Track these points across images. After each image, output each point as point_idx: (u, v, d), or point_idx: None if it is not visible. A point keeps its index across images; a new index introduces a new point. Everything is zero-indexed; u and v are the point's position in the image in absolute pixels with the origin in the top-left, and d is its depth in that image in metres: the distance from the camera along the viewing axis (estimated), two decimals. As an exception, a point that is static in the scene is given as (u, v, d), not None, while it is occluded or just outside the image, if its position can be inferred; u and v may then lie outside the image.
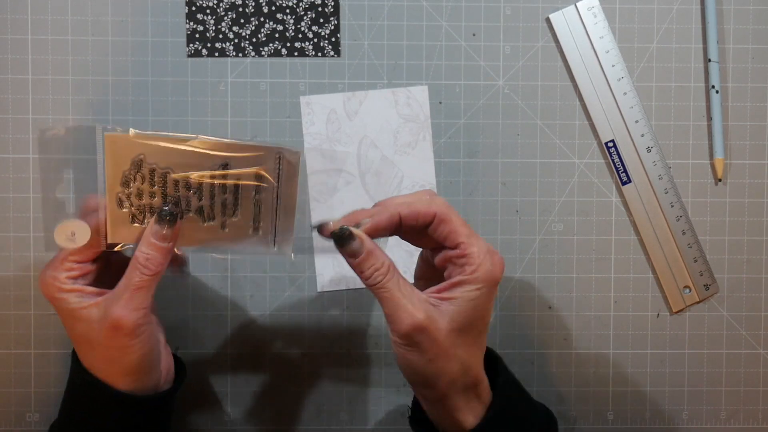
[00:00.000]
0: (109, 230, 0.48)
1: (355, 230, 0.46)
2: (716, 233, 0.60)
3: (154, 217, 0.47)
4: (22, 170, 0.58)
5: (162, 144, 0.47)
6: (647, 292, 0.60)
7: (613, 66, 0.59)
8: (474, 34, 0.59)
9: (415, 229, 0.47)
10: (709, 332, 0.60)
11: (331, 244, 0.47)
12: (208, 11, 0.58)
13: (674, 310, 0.60)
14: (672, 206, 0.59)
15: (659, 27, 0.59)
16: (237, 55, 0.59)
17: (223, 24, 0.58)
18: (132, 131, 0.47)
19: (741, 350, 0.60)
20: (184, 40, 0.59)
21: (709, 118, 0.59)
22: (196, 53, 0.59)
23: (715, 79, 0.59)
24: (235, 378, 0.60)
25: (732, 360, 0.60)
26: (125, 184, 0.47)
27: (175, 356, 0.53)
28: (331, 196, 0.59)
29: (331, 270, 0.59)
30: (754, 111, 0.60)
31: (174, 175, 0.48)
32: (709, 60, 0.59)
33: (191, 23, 0.58)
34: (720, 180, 0.60)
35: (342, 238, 0.45)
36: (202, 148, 0.48)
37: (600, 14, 0.59)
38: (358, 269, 0.46)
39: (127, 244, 0.48)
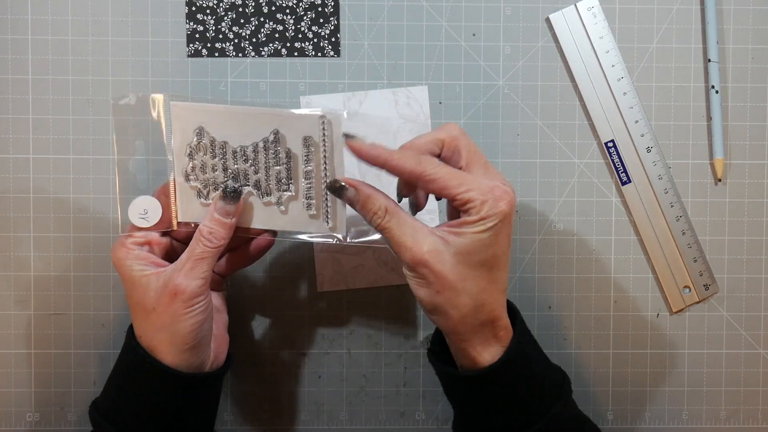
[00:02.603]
0: (179, 209, 0.50)
1: (349, 179, 0.49)
2: (716, 233, 0.60)
3: (218, 193, 0.49)
4: (22, 170, 0.58)
5: (219, 113, 0.49)
6: (647, 292, 0.60)
7: (613, 66, 0.59)
8: (474, 34, 0.59)
9: (412, 185, 0.50)
10: (709, 332, 0.60)
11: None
12: (208, 11, 0.58)
13: (674, 310, 0.60)
14: (672, 206, 0.59)
15: (659, 27, 0.60)
16: (237, 55, 0.59)
17: (223, 24, 0.59)
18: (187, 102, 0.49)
19: (741, 350, 0.60)
20: (184, 40, 0.59)
21: (709, 118, 0.59)
22: (196, 53, 0.59)
23: (714, 79, 0.59)
24: (235, 378, 0.60)
25: (732, 360, 0.60)
26: (190, 155, 0.50)
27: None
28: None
29: (331, 270, 0.59)
30: (753, 111, 0.60)
31: (232, 146, 0.50)
32: (709, 60, 0.59)
33: (191, 23, 0.58)
34: (720, 180, 0.60)
35: (335, 190, 0.49)
36: (254, 117, 0.49)
37: (600, 14, 0.59)
38: (361, 215, 0.49)
39: (193, 221, 0.50)
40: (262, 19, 0.59)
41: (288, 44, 0.59)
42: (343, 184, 0.49)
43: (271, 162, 0.50)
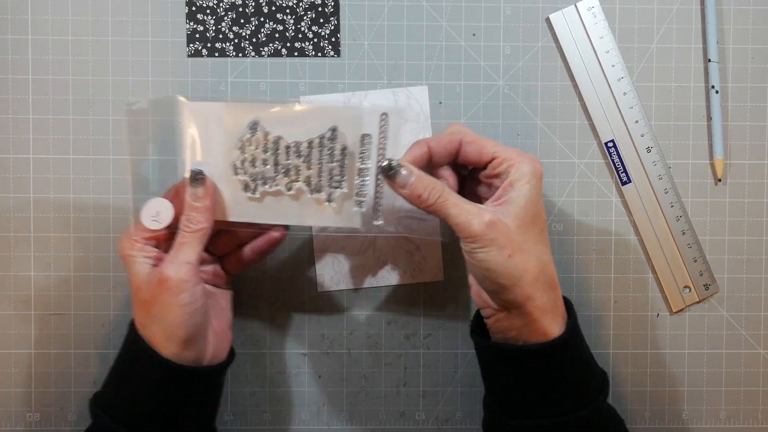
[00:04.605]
0: (228, 209, 0.51)
1: (401, 161, 0.49)
2: (716, 233, 0.60)
3: (187, 179, 0.50)
4: (22, 170, 0.58)
5: (274, 109, 0.50)
6: (647, 292, 0.60)
7: (613, 66, 0.59)
8: (474, 34, 0.59)
9: (448, 158, 0.51)
10: (709, 332, 0.60)
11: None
12: (208, 11, 0.58)
13: (674, 310, 0.60)
14: (672, 206, 0.59)
15: (659, 27, 0.60)
16: (237, 55, 0.59)
17: (223, 24, 0.59)
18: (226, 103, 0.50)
19: (741, 350, 0.60)
20: (184, 40, 0.59)
21: (709, 118, 0.59)
22: (196, 53, 0.59)
23: (714, 79, 0.59)
24: (235, 378, 0.60)
25: (732, 360, 0.60)
26: (241, 149, 0.50)
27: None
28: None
29: (331, 270, 0.59)
30: (753, 111, 0.60)
31: (286, 141, 0.50)
32: (709, 60, 0.59)
33: (191, 23, 0.58)
34: (720, 180, 0.60)
35: (391, 169, 0.49)
36: (311, 113, 0.50)
37: (600, 14, 0.59)
38: (414, 195, 0.49)
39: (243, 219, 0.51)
40: (262, 19, 0.59)
41: (288, 44, 0.59)
42: (398, 164, 0.49)
43: (325, 158, 0.50)
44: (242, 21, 0.59)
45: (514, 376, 0.50)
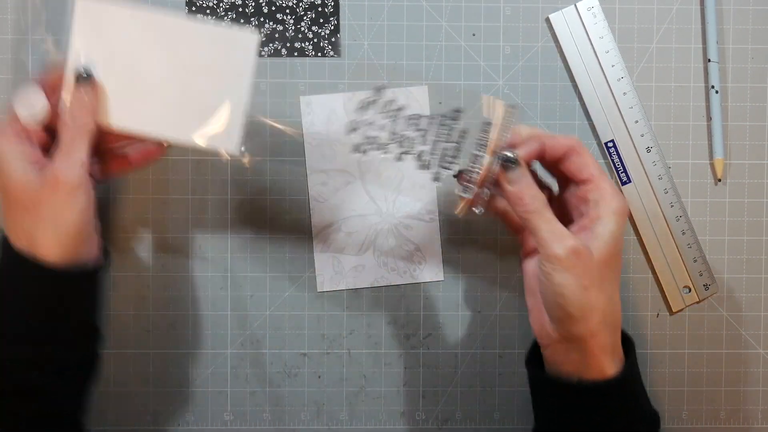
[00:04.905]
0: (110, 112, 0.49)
1: (519, 156, 0.48)
2: (716, 233, 0.60)
3: (74, 75, 0.48)
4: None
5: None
6: (647, 292, 0.60)
7: (612, 66, 0.59)
8: (474, 34, 0.59)
9: (551, 161, 0.49)
10: (709, 332, 0.60)
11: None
12: (208, 11, 0.58)
13: (674, 310, 0.60)
14: (672, 206, 0.59)
15: (659, 27, 0.60)
16: (237, 55, 0.59)
17: (223, 24, 0.58)
18: None
19: (741, 350, 0.60)
20: (184, 40, 0.58)
21: (709, 118, 0.59)
22: (196, 53, 0.59)
23: (714, 79, 0.59)
24: (235, 378, 0.60)
25: (732, 360, 0.60)
26: (363, 108, 0.50)
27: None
28: (333, 195, 0.59)
29: (331, 270, 0.59)
30: (753, 111, 0.60)
31: (407, 113, 0.50)
32: (709, 60, 0.59)
33: (191, 23, 0.58)
34: (720, 180, 0.60)
35: (511, 162, 0.47)
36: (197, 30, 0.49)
37: (600, 14, 0.59)
38: (517, 196, 0.47)
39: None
40: (262, 19, 0.59)
41: (288, 44, 0.59)
42: (516, 158, 0.47)
43: (442, 137, 0.49)
44: (242, 21, 0.59)
45: (567, 411, 0.49)
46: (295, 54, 0.59)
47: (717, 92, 0.59)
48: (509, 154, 0.47)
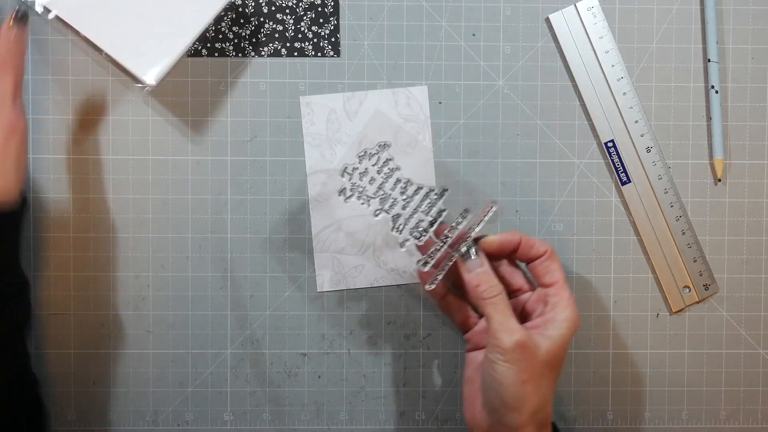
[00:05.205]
0: None
1: (484, 242, 0.52)
2: (716, 233, 0.60)
3: (11, 15, 0.51)
4: (21, 170, 0.58)
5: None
6: (647, 292, 0.60)
7: (612, 66, 0.59)
8: (474, 34, 0.59)
9: (523, 257, 0.53)
10: (709, 332, 0.60)
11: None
12: (208, 11, 0.58)
13: (674, 310, 0.60)
14: (671, 206, 0.59)
15: (659, 27, 0.60)
16: (237, 55, 0.59)
17: (223, 24, 0.58)
18: None
19: (740, 350, 0.61)
20: (184, 40, 0.58)
21: (709, 118, 0.59)
22: (196, 53, 0.59)
23: (714, 79, 0.59)
24: (235, 378, 0.60)
25: (731, 360, 0.60)
26: (360, 157, 0.52)
27: None
28: (333, 195, 0.59)
29: (331, 270, 0.59)
30: (753, 111, 0.60)
31: (399, 175, 0.52)
32: (709, 60, 0.59)
33: (191, 23, 0.58)
34: (719, 180, 0.60)
35: (468, 253, 0.51)
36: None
37: (599, 14, 0.59)
38: (473, 284, 0.51)
39: None
40: (262, 19, 0.59)
41: (288, 44, 0.59)
42: (475, 252, 0.51)
43: (423, 209, 0.52)
44: (242, 21, 0.59)
45: None
46: (295, 54, 0.59)
47: (717, 92, 0.59)
48: (467, 248, 0.51)
